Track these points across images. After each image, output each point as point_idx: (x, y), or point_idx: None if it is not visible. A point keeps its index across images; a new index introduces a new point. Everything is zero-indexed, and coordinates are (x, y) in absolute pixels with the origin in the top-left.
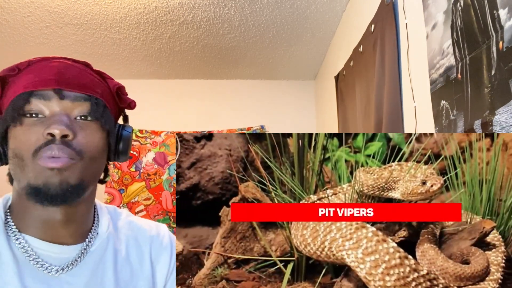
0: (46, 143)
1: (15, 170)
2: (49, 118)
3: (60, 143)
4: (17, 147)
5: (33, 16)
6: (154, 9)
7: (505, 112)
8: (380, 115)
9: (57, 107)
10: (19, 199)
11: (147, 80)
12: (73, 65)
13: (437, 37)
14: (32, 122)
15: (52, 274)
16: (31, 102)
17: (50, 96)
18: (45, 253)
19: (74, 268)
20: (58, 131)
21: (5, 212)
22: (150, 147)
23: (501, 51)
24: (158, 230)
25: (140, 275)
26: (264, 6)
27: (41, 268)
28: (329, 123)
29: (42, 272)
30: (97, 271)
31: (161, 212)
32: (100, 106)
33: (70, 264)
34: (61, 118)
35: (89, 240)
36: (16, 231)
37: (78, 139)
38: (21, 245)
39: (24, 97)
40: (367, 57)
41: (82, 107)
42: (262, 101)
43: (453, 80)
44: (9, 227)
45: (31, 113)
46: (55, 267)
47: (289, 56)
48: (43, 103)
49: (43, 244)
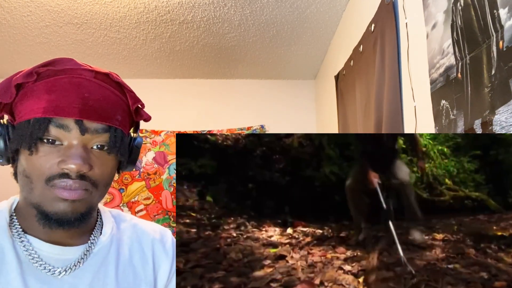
0: (61, 175)
1: (24, 187)
2: (66, 149)
3: (76, 177)
4: (28, 169)
5: (33, 15)
6: (154, 8)
7: (505, 111)
8: (380, 115)
9: (76, 139)
10: (25, 206)
11: (147, 80)
12: (97, 84)
13: (437, 36)
14: (48, 149)
15: (55, 276)
16: (50, 129)
17: (71, 127)
18: (47, 254)
19: (76, 270)
20: (75, 167)
21: (11, 215)
22: (150, 146)
23: (501, 50)
24: (162, 235)
25: (143, 278)
26: (264, 5)
27: (44, 269)
28: (329, 123)
29: (45, 273)
30: (100, 273)
31: (161, 211)
32: (118, 137)
33: (72, 266)
34: (78, 151)
35: (92, 241)
36: (21, 232)
37: (94, 171)
38: (25, 247)
39: (43, 124)
40: (367, 57)
41: (100, 138)
42: (262, 100)
43: (453, 80)
44: (14, 229)
45: (48, 139)
46: (58, 269)
47: (289, 56)
48: (62, 133)
49: (45, 245)
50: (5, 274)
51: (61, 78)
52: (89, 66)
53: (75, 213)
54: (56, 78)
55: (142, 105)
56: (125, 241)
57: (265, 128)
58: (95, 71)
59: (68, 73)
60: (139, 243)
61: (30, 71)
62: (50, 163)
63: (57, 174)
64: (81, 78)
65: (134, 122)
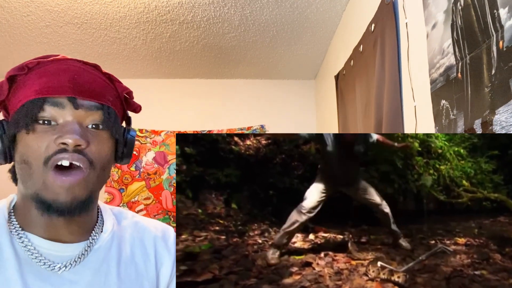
0: (58, 151)
1: (22, 176)
2: (62, 126)
3: (73, 152)
4: (26, 153)
5: (33, 15)
6: (154, 8)
7: (505, 111)
8: (380, 115)
9: (71, 116)
10: (24, 201)
11: (147, 80)
12: (85, 69)
13: (437, 36)
14: (44, 129)
15: (55, 272)
16: (45, 109)
17: (64, 104)
18: (47, 251)
19: (77, 266)
20: (72, 141)
21: (9, 212)
22: (150, 146)
23: (501, 50)
24: (164, 232)
25: (145, 275)
26: (264, 5)
27: (44, 266)
28: (329, 123)
29: (45, 270)
30: (101, 270)
31: (161, 211)
32: (111, 115)
33: (72, 262)
34: (74, 127)
35: (92, 238)
36: (19, 229)
37: (90, 148)
38: (23, 243)
39: (37, 103)
40: (367, 57)
41: (94, 116)
42: (262, 100)
43: (453, 80)
44: (13, 226)
45: (44, 119)
46: (58, 265)
47: (289, 56)
48: (56, 111)
49: (45, 242)
50: (3, 271)
51: (51, 66)
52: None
53: (74, 200)
54: (46, 67)
55: (130, 93)
56: (127, 239)
57: (265, 128)
58: (83, 61)
59: (56, 62)
60: (141, 240)
61: (21, 65)
62: (47, 141)
63: (55, 151)
64: (70, 65)
65: (126, 114)
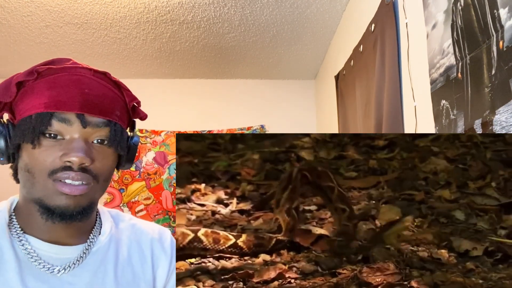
0: (63, 168)
1: (25, 182)
2: (67, 143)
3: (78, 170)
4: (30, 163)
5: (33, 15)
6: (154, 8)
7: (506, 111)
8: (380, 115)
9: (77, 133)
10: (25, 204)
11: (147, 80)
12: (95, 81)
13: (437, 36)
14: (50, 143)
15: (54, 274)
16: (52, 123)
17: (72, 121)
18: (46, 253)
19: (75, 268)
20: (77, 159)
21: (10, 214)
22: (150, 146)
23: (502, 50)
24: (160, 234)
25: (142, 277)
26: (264, 5)
27: (43, 268)
28: (329, 123)
29: (44, 272)
30: (99, 272)
31: (161, 211)
32: (118, 132)
33: (71, 264)
34: (80, 145)
35: (91, 241)
36: (20, 232)
37: (95, 165)
38: (24, 246)
39: (46, 118)
40: (367, 57)
41: (101, 132)
42: (262, 100)
43: (453, 80)
44: (13, 228)
45: (50, 133)
46: (57, 267)
47: (289, 56)
48: (63, 127)
49: (44, 244)
50: (3, 273)
51: (61, 75)
52: (87, 66)
53: (77, 207)
54: (56, 75)
55: (138, 103)
56: (124, 241)
57: (265, 128)
58: (94, 70)
59: (67, 71)
60: (137, 242)
61: (30, 70)
62: (52, 157)
63: (60, 167)
64: (80, 76)
65: (131, 120)
